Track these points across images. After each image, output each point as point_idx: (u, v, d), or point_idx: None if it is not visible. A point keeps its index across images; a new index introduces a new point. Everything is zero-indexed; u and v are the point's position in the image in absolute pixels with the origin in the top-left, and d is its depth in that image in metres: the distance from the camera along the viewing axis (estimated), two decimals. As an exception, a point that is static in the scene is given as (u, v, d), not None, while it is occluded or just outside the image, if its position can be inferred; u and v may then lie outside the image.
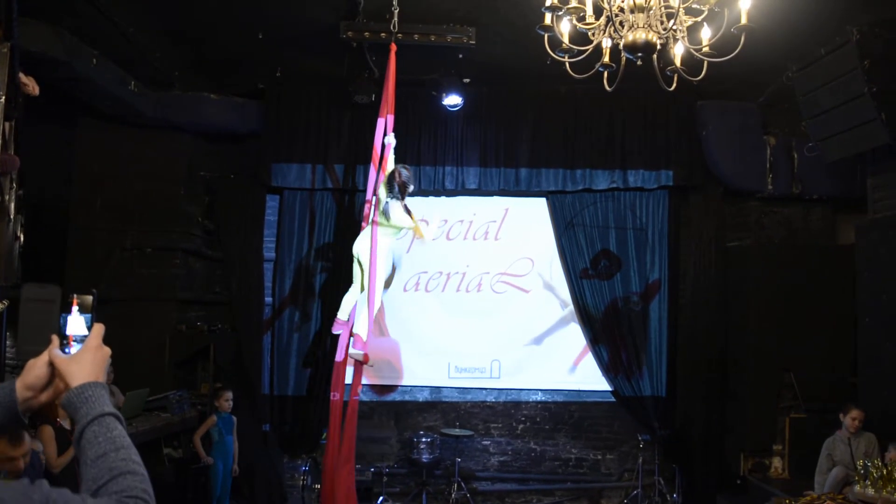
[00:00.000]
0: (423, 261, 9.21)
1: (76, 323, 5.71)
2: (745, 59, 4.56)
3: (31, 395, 1.66)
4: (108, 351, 1.66)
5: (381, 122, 6.98)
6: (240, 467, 7.77)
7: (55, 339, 1.70)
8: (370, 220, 6.94)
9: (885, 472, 5.85)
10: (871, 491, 5.87)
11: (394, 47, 6.84)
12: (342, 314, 7.17)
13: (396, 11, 6.62)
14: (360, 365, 7.05)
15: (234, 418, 7.79)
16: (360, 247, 6.96)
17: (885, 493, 5.77)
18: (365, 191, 7.64)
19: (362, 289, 7.06)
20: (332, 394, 7.01)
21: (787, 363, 8.33)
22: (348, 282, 8.63)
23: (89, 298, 6.14)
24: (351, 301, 7.23)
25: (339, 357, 7.07)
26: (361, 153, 8.41)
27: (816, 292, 8.25)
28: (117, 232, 7.93)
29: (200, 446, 7.46)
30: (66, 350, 1.59)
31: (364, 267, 6.96)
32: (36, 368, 1.66)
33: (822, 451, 6.98)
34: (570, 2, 4.17)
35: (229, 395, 7.67)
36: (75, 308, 5.88)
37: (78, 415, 1.53)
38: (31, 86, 5.21)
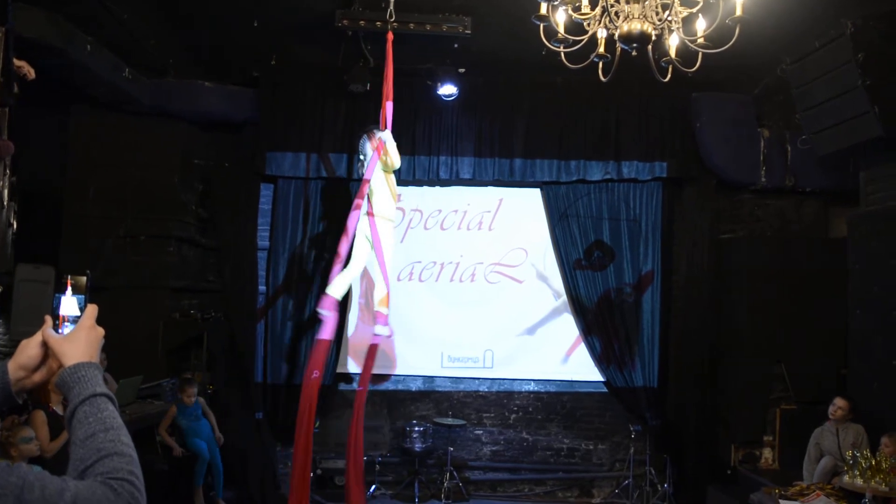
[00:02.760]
0: (417, 250, 9.22)
1: (69, 303, 5.71)
2: (740, 51, 4.57)
3: (24, 376, 1.66)
4: (101, 331, 1.67)
5: (388, 107, 7.00)
6: (233, 454, 7.78)
7: (48, 320, 1.70)
8: (367, 212, 7.01)
9: (873, 462, 5.90)
10: (859, 481, 5.92)
11: (391, 36, 6.84)
12: (335, 292, 7.15)
13: (393, 0, 6.62)
14: (373, 350, 7.14)
15: (201, 399, 7.82)
16: (365, 231, 7.05)
17: (872, 483, 5.82)
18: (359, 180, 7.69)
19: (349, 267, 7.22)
20: (311, 372, 6.97)
21: (778, 355, 8.39)
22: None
23: (83, 279, 6.14)
24: (346, 280, 7.25)
25: (323, 335, 7.05)
26: (357, 142, 8.41)
27: (808, 284, 8.30)
28: (111, 219, 7.90)
29: (168, 437, 7.43)
30: (60, 330, 1.59)
31: (355, 255, 7.06)
32: (29, 348, 1.66)
33: (810, 441, 7.06)
34: (565, -9, 4.18)
35: (194, 390, 7.67)
36: (69, 289, 5.88)
37: (71, 394, 1.53)
38: (27, 69, 5.20)
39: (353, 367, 9.20)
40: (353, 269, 7.29)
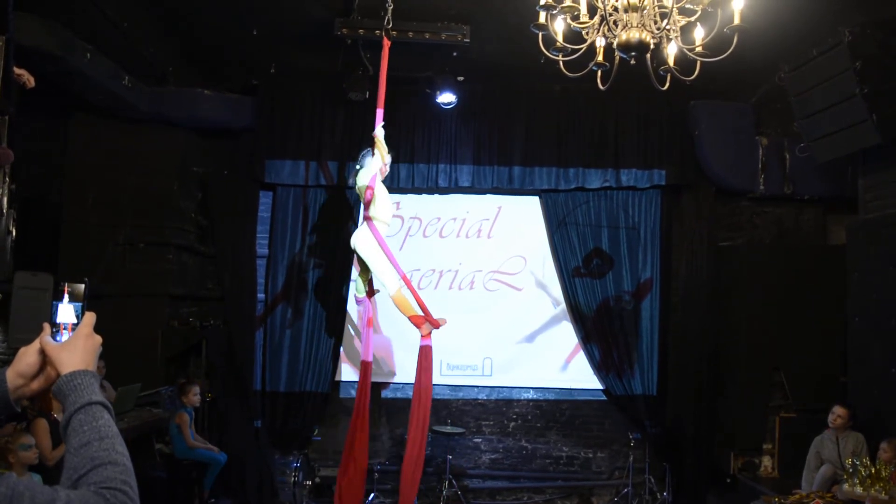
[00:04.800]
0: (416, 258, 9.20)
1: (66, 311, 5.68)
2: (738, 59, 4.58)
3: (22, 383, 1.66)
4: (98, 339, 1.66)
5: (379, 114, 7.02)
6: (231, 462, 7.75)
7: (47, 327, 1.69)
8: (365, 216, 7.02)
9: (872, 470, 5.89)
10: (859, 489, 5.91)
11: (387, 43, 6.85)
12: (357, 289, 7.46)
13: (391, 8, 6.63)
14: (426, 353, 7.17)
15: None
16: (356, 241, 7.00)
17: (872, 491, 5.80)
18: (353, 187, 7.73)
19: (364, 284, 7.36)
20: (357, 395, 7.17)
21: (777, 362, 8.38)
22: (341, 278, 8.73)
23: (80, 287, 6.11)
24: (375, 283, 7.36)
25: (365, 356, 7.15)
26: (355, 150, 8.41)
27: (807, 292, 8.29)
28: (110, 227, 7.88)
29: (201, 442, 7.44)
30: (57, 338, 1.58)
31: (368, 262, 7.01)
32: (27, 356, 1.65)
33: (810, 449, 7.03)
34: (564, 1, 4.18)
35: (197, 389, 7.61)
36: (66, 296, 5.85)
37: (67, 402, 1.53)
38: (27, 77, 5.20)
39: (350, 374, 9.18)
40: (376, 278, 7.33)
